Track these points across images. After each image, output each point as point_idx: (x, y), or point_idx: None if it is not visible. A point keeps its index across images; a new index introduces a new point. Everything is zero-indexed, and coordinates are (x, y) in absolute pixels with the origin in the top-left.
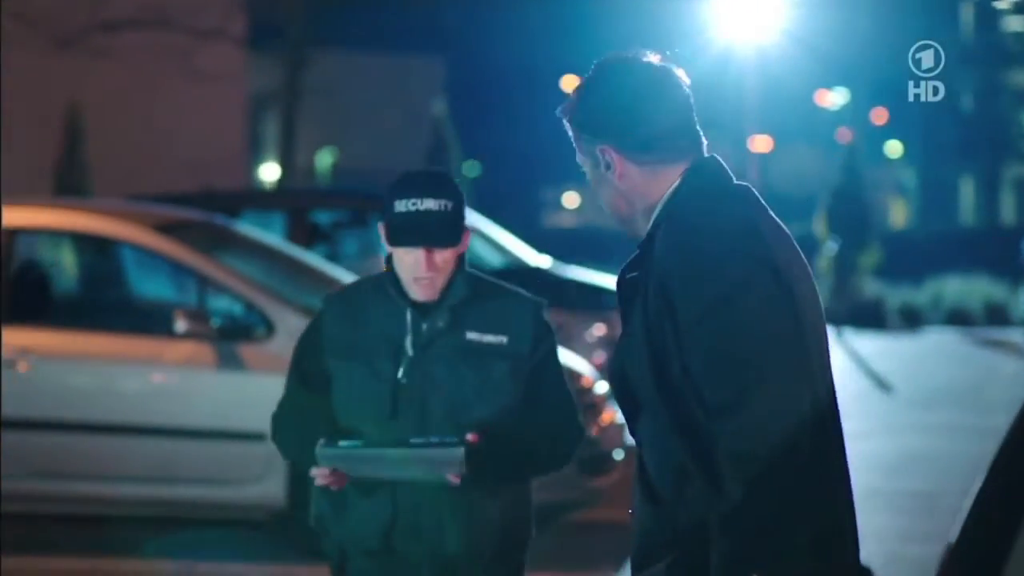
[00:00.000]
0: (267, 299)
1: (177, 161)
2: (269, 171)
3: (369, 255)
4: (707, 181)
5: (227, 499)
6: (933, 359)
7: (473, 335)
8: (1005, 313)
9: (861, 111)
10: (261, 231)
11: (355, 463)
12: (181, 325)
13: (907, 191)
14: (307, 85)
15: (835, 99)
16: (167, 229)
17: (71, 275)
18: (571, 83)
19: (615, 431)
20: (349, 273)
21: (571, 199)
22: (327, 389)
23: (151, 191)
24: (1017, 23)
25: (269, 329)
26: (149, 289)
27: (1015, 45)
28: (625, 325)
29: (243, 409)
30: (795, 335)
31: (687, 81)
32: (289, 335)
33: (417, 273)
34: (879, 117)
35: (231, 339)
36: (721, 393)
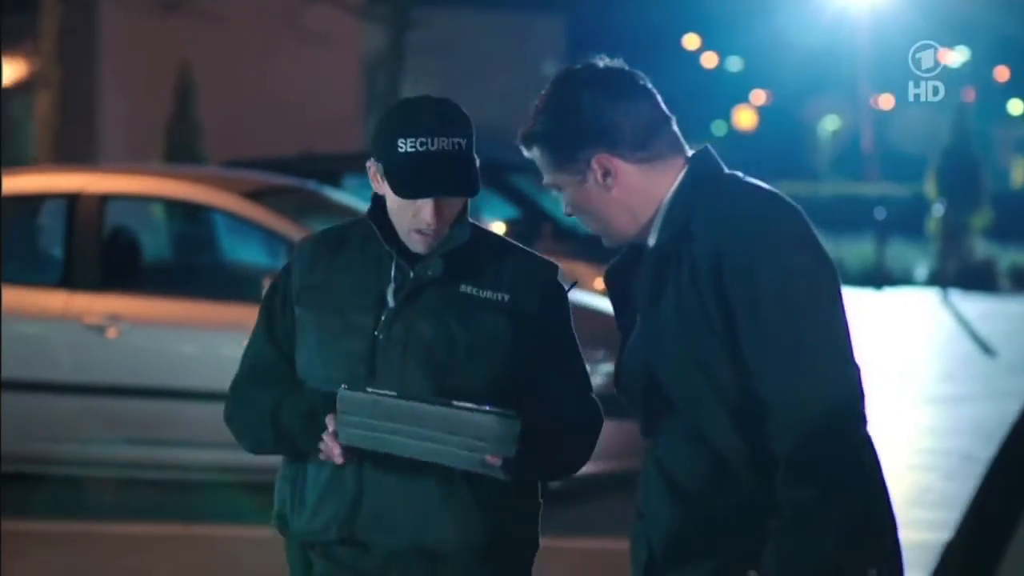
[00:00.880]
0: None
1: (289, 123)
2: None
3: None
4: (716, 166)
5: None
6: None
7: (469, 288)
8: None
9: (983, 69)
10: (360, 196)
11: (380, 420)
12: None
13: None
14: (421, 45)
15: (956, 57)
16: (257, 195)
17: (161, 241)
18: (692, 42)
19: None
20: None
21: None
22: (280, 351)
23: (260, 153)
24: None
25: None
26: (238, 255)
27: None
28: (634, 322)
29: None
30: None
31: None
32: None
33: (421, 225)
34: (1001, 75)
35: None
36: (801, 370)
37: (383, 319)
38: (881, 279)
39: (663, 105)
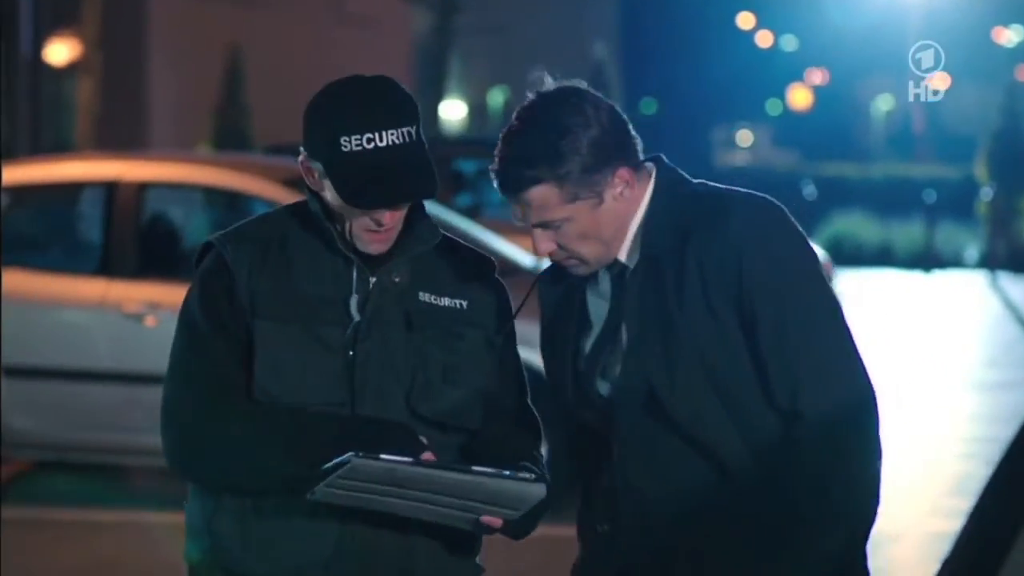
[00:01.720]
0: None
1: None
2: (451, 109)
3: None
4: (681, 175)
5: None
6: None
7: (427, 296)
8: None
9: None
10: None
11: (384, 485)
12: None
13: None
14: (469, 27)
15: (1011, 36)
16: (296, 183)
17: (199, 229)
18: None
19: None
20: (477, 225)
21: (745, 137)
22: (241, 364)
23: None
24: None
25: None
26: None
27: None
28: (579, 335)
29: None
30: None
31: None
32: None
33: (373, 225)
34: None
35: None
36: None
37: (349, 334)
38: (930, 262)
39: None
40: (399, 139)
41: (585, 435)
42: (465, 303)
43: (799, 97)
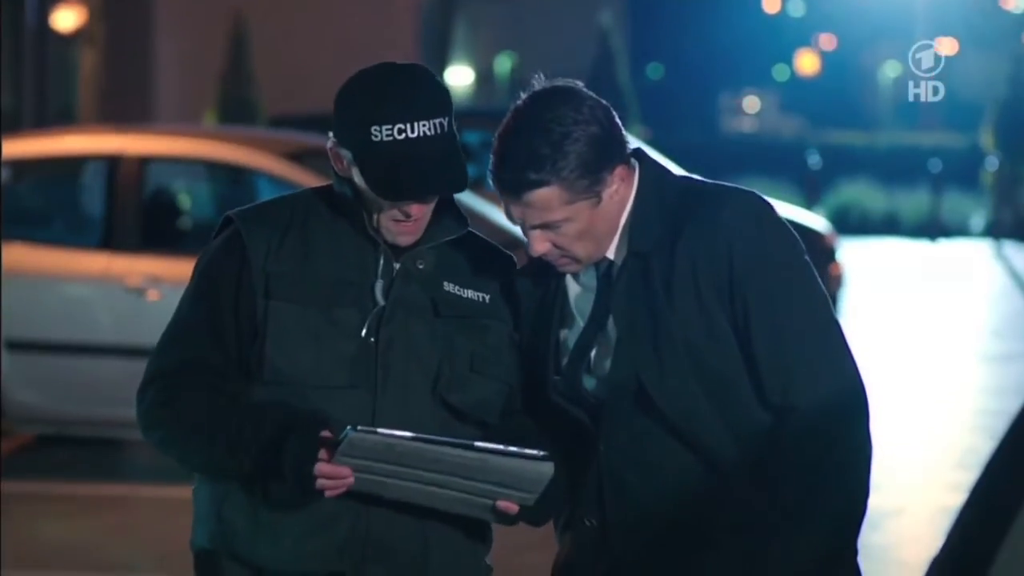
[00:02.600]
0: None
1: (344, 74)
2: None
3: None
4: (664, 169)
5: None
6: None
7: (451, 286)
8: None
9: None
10: None
11: (385, 463)
12: None
13: None
14: None
15: (1019, 2)
16: (298, 156)
17: (201, 203)
18: None
19: None
20: (481, 200)
21: (751, 103)
22: (241, 350)
23: (316, 104)
24: None
25: None
26: None
27: None
28: (553, 330)
29: None
30: None
31: None
32: None
33: (401, 216)
34: None
35: None
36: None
37: (370, 319)
38: (936, 231)
39: None
40: (431, 131)
41: (569, 429)
42: (488, 297)
43: (806, 63)
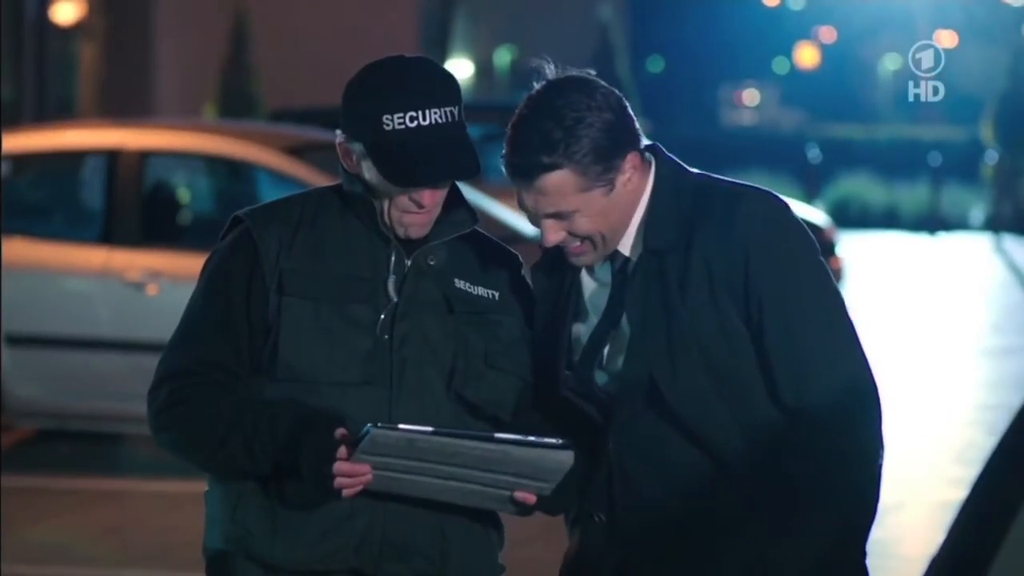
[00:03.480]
0: None
1: (344, 66)
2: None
3: None
4: (681, 165)
5: None
6: None
7: (462, 283)
8: None
9: None
10: None
11: (405, 459)
12: None
13: None
14: None
15: None
16: (298, 151)
17: (201, 198)
18: None
19: None
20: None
21: (751, 96)
22: (253, 348)
23: (316, 97)
24: None
25: None
26: None
27: None
28: (564, 325)
29: None
30: None
31: None
32: None
33: (413, 207)
34: None
35: None
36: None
37: (384, 315)
38: (935, 224)
39: None
40: (441, 118)
41: (579, 424)
42: (497, 294)
43: (806, 55)
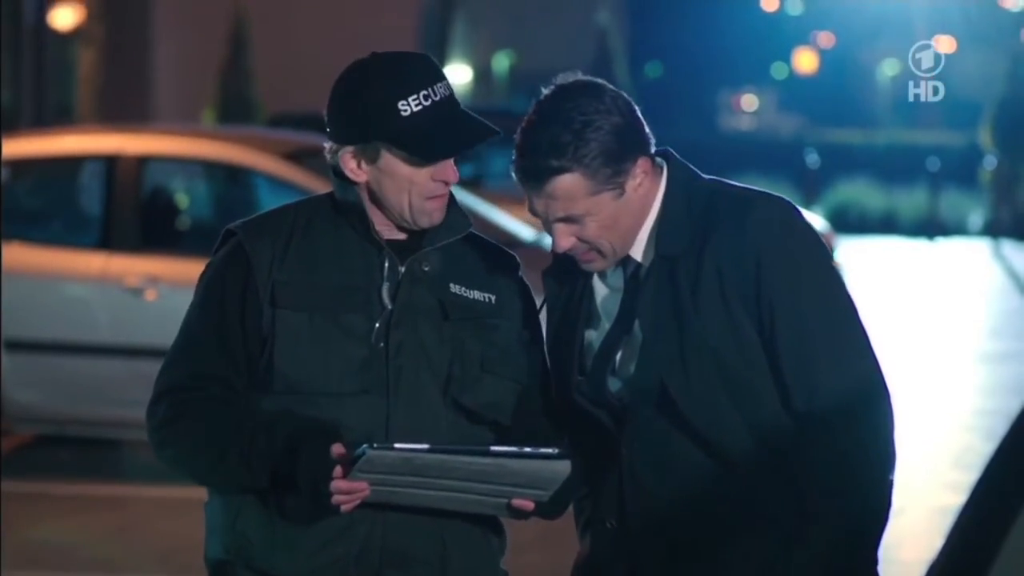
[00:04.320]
0: None
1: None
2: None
3: None
4: (693, 170)
5: None
6: None
7: (457, 288)
8: None
9: None
10: None
11: (403, 475)
12: None
13: None
14: None
15: (1018, 0)
16: (296, 156)
17: (199, 203)
18: None
19: None
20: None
21: (750, 101)
22: (250, 361)
23: (315, 101)
24: None
25: None
26: None
27: None
28: (576, 331)
29: None
30: None
31: None
32: None
33: (439, 190)
34: None
35: None
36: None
37: (379, 323)
38: (934, 229)
39: None
40: (446, 91)
41: (591, 430)
42: (493, 297)
43: (805, 61)
